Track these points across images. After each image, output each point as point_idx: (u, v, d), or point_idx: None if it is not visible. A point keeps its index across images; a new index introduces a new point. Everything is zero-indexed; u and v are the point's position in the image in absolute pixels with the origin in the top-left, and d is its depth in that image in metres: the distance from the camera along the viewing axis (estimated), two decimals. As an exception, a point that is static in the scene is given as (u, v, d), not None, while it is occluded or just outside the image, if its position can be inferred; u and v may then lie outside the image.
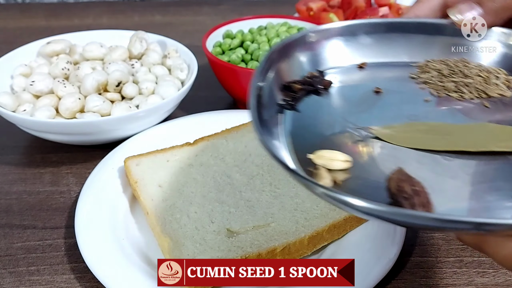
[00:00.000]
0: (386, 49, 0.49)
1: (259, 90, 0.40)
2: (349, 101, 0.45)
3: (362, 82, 0.47)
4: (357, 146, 0.39)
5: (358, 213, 0.31)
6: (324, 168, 0.36)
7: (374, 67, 0.48)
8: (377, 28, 0.49)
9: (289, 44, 0.45)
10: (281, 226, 0.49)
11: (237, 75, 0.67)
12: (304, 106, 0.43)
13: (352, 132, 0.41)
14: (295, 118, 0.42)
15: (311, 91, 0.45)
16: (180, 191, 0.53)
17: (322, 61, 0.47)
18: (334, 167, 0.36)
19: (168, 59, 0.73)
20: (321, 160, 0.37)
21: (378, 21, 0.49)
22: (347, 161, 0.37)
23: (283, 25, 0.76)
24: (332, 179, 0.35)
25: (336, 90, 0.46)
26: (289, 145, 0.39)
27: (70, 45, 0.75)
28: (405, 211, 0.30)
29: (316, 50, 0.47)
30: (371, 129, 0.41)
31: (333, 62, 0.48)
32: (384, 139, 0.40)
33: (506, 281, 0.50)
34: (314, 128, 0.42)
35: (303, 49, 0.46)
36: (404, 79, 0.47)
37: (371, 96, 0.45)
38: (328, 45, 0.48)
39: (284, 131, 0.40)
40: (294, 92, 0.44)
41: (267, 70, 0.42)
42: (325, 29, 0.48)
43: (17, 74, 0.70)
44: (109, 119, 0.61)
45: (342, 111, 0.44)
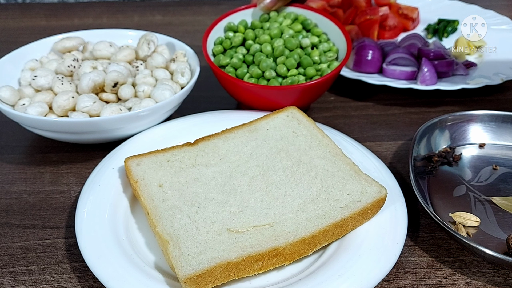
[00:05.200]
0: (502, 134, 0.67)
1: (413, 159, 0.59)
2: (473, 172, 0.62)
3: (483, 159, 0.64)
4: (483, 210, 0.56)
5: (484, 259, 0.49)
6: (461, 224, 0.54)
7: (491, 147, 0.66)
8: (495, 118, 0.67)
9: (432, 124, 0.64)
10: (282, 226, 0.49)
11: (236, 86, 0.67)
12: (439, 173, 0.62)
13: (478, 198, 0.58)
14: (433, 181, 0.60)
15: (445, 163, 0.63)
16: (180, 191, 0.53)
17: (453, 140, 0.66)
18: (468, 224, 0.54)
19: (173, 63, 0.73)
20: (459, 219, 0.54)
21: (496, 113, 0.67)
22: (477, 221, 0.54)
23: (287, 16, 0.74)
24: (466, 231, 0.53)
25: (463, 162, 0.64)
26: (431, 204, 0.57)
27: (82, 42, 0.76)
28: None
29: (449, 131, 0.66)
30: (493, 199, 0.57)
31: (461, 141, 0.66)
32: (502, 207, 0.56)
33: (506, 281, 0.50)
34: (446, 191, 0.59)
35: (440, 129, 0.66)
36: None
37: (490, 170, 0.62)
38: (458, 127, 0.67)
39: (426, 192, 0.58)
40: (432, 162, 0.62)
41: (418, 144, 0.62)
42: (458, 116, 0.66)
43: (26, 68, 0.71)
44: (92, 120, 0.60)
45: (468, 180, 0.61)
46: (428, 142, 0.64)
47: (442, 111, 0.77)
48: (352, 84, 0.84)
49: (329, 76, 0.66)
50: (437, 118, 0.65)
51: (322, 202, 0.51)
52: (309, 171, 0.55)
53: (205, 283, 0.44)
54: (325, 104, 0.80)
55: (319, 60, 0.70)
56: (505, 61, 0.86)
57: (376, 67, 0.83)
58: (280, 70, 0.68)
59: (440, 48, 0.85)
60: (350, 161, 0.56)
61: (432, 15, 1.04)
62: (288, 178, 0.54)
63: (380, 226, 0.51)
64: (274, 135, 0.61)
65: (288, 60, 0.68)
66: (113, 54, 0.73)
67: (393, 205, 0.53)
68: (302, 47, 0.71)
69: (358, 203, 0.51)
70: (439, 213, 0.56)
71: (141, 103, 0.64)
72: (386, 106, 0.80)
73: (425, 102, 0.80)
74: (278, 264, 0.47)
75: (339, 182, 0.53)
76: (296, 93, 0.66)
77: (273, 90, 0.66)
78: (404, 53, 0.82)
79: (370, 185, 0.53)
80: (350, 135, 0.67)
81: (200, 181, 0.54)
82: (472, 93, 0.82)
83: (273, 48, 0.70)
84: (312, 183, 0.53)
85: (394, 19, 0.98)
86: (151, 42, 0.74)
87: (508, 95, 0.82)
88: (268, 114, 0.65)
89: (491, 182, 0.60)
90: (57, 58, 0.74)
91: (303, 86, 0.65)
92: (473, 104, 0.79)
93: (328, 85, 0.70)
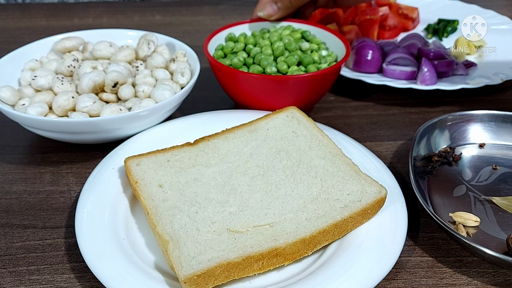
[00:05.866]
0: (502, 134, 0.67)
1: (413, 159, 0.60)
2: (473, 172, 0.62)
3: (483, 158, 0.64)
4: (483, 210, 0.56)
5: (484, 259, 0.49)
6: (461, 224, 0.54)
7: (491, 147, 0.66)
8: (495, 118, 0.67)
9: (431, 124, 0.64)
10: (282, 226, 0.49)
11: (236, 79, 0.67)
12: (439, 173, 0.62)
13: (478, 198, 0.58)
14: (433, 181, 0.60)
15: (445, 162, 0.63)
16: (180, 191, 0.53)
17: (453, 140, 0.66)
18: (468, 224, 0.54)
19: (173, 64, 0.73)
20: (459, 219, 0.54)
21: (496, 113, 0.67)
22: (477, 221, 0.54)
23: (286, 28, 0.76)
24: (466, 231, 0.53)
25: (463, 162, 0.64)
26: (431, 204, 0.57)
27: (82, 42, 0.76)
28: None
29: (449, 131, 0.66)
30: (493, 199, 0.57)
31: (461, 140, 0.66)
32: (502, 207, 0.56)
33: (506, 281, 0.50)
34: (446, 191, 0.59)
35: (440, 129, 0.66)
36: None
37: (490, 170, 0.62)
38: (458, 127, 0.67)
39: (426, 192, 0.58)
40: (432, 162, 0.62)
41: (418, 144, 0.62)
42: (458, 116, 0.66)
43: (26, 69, 0.71)
44: (92, 120, 0.60)
45: (468, 180, 0.61)
46: (428, 142, 0.65)
47: (442, 111, 0.77)
48: (352, 84, 0.84)
49: (331, 69, 0.66)
50: (437, 118, 0.65)
51: (322, 202, 0.51)
52: (309, 171, 0.55)
53: (205, 283, 0.44)
54: (325, 104, 0.80)
55: (319, 60, 0.71)
56: (505, 61, 0.86)
57: (376, 67, 0.83)
58: (281, 67, 0.68)
59: (440, 48, 0.85)
60: (350, 161, 0.56)
61: (432, 15, 1.05)
62: (288, 178, 0.54)
63: (380, 226, 0.51)
64: (274, 135, 0.61)
65: (288, 58, 0.68)
66: (113, 54, 0.73)
67: (393, 205, 0.53)
68: (302, 50, 0.72)
69: (358, 203, 0.51)
70: (439, 213, 0.56)
71: (141, 103, 0.64)
72: (386, 106, 0.80)
73: (425, 102, 0.80)
74: (278, 264, 0.47)
75: (339, 182, 0.53)
76: (296, 85, 0.65)
77: (272, 81, 0.65)
78: (404, 53, 0.82)
79: (370, 185, 0.53)
80: (350, 135, 0.67)
81: (200, 181, 0.54)
82: (472, 93, 0.82)
83: (273, 50, 0.71)
84: (312, 183, 0.53)
85: (394, 19, 0.98)
86: (151, 42, 0.75)
87: (507, 95, 0.82)
88: (268, 114, 0.65)
89: (491, 182, 0.60)
90: (57, 58, 0.74)
91: (304, 77, 0.64)
92: (473, 104, 0.79)
93: (328, 82, 0.69)
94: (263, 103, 0.68)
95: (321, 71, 0.66)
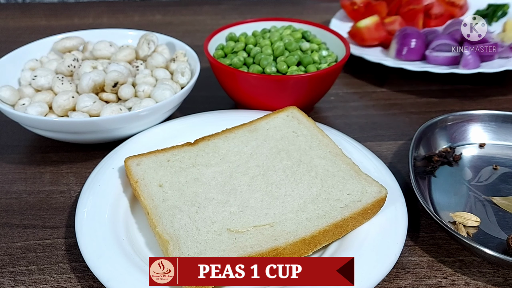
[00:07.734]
0: (502, 134, 0.67)
1: (414, 159, 0.59)
2: (473, 172, 0.62)
3: (483, 158, 0.64)
4: (483, 210, 0.56)
5: (485, 259, 0.50)
6: (461, 224, 0.54)
7: (491, 147, 0.66)
8: (495, 118, 0.67)
9: (432, 124, 0.64)
10: (282, 226, 0.49)
11: (236, 78, 0.67)
12: (439, 173, 0.61)
13: (478, 198, 0.58)
14: (433, 181, 0.60)
15: (445, 162, 0.63)
16: (181, 191, 0.53)
17: (453, 140, 0.66)
18: (468, 224, 0.54)
19: (173, 63, 0.73)
20: (459, 219, 0.54)
21: (497, 113, 0.67)
22: (477, 221, 0.54)
23: (287, 28, 0.76)
24: (466, 231, 0.53)
25: (464, 162, 0.63)
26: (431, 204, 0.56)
27: (83, 42, 0.76)
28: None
29: (449, 131, 0.66)
30: (493, 199, 0.57)
31: (461, 140, 0.66)
32: (502, 207, 0.56)
33: (506, 281, 0.50)
34: (447, 191, 0.59)
35: (440, 129, 0.66)
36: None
37: (490, 170, 0.62)
38: (458, 127, 0.67)
39: (426, 192, 0.58)
40: (433, 162, 0.62)
41: (418, 144, 0.62)
42: (458, 116, 0.67)
43: (26, 68, 0.71)
44: (92, 120, 0.60)
45: (468, 179, 0.61)
46: (428, 142, 0.65)
47: (442, 111, 0.77)
48: (352, 83, 0.84)
49: (331, 69, 0.66)
50: (437, 118, 0.65)
51: (322, 202, 0.51)
52: (309, 171, 0.55)
53: (205, 283, 0.44)
54: (325, 104, 0.80)
55: (319, 60, 0.71)
56: None
57: (419, 55, 0.84)
58: (280, 67, 0.68)
59: (483, 31, 0.85)
60: (350, 161, 0.56)
61: (482, 0, 1.03)
62: (288, 178, 0.54)
63: (380, 226, 0.51)
64: (274, 135, 0.61)
65: (288, 58, 0.69)
66: (113, 54, 0.73)
67: (393, 205, 0.53)
68: (302, 50, 0.72)
69: (358, 203, 0.51)
70: (439, 213, 0.56)
71: (141, 103, 0.64)
72: (386, 106, 0.80)
73: (425, 102, 0.80)
74: (278, 264, 0.47)
75: (339, 182, 0.53)
76: (296, 85, 0.65)
77: (272, 81, 0.65)
78: (448, 39, 0.82)
79: (370, 185, 0.53)
80: (350, 135, 0.67)
81: (200, 181, 0.54)
82: (472, 93, 0.82)
83: (273, 50, 0.71)
84: (312, 183, 0.53)
85: (440, 7, 0.97)
86: (151, 42, 0.74)
87: (508, 95, 0.82)
88: (268, 114, 0.65)
89: (491, 182, 0.60)
90: (57, 58, 0.74)
91: (304, 77, 0.65)
92: (473, 104, 0.79)
93: (328, 82, 0.69)
94: (263, 103, 0.68)
95: (321, 71, 0.66)
